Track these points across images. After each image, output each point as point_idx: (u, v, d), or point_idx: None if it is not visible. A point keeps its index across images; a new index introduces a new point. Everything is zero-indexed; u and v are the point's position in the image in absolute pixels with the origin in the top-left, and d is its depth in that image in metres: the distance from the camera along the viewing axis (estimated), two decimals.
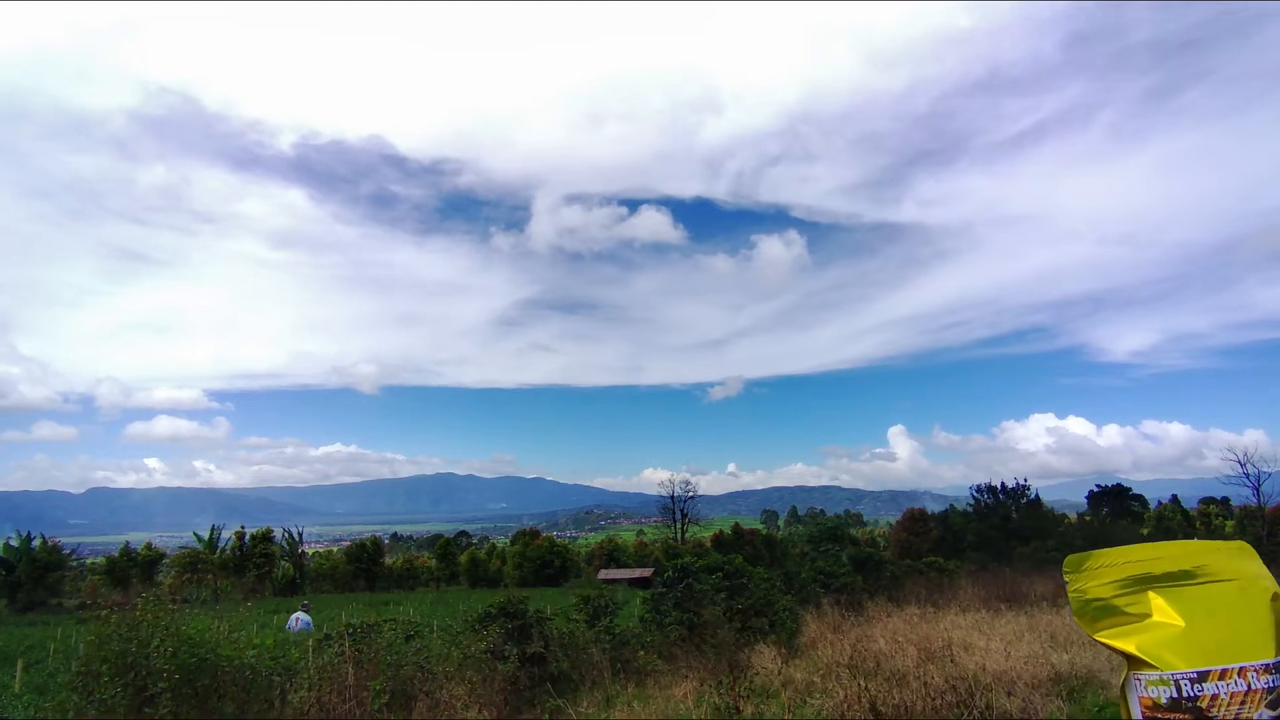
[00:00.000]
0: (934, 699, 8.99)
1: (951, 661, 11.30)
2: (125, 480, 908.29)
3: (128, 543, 73.16)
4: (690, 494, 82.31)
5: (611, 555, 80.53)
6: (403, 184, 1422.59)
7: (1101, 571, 2.27)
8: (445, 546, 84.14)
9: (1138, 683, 2.15)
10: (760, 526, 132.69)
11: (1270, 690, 2.09)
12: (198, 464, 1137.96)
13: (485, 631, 12.22)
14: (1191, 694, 2.07)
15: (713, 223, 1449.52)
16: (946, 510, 67.76)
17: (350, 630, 10.65)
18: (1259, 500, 52.38)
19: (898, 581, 27.49)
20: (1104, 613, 2.22)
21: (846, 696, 9.40)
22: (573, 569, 75.59)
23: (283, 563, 69.71)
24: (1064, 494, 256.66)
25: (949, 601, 22.40)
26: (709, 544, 75.42)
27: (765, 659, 13.54)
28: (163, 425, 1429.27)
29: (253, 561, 66.20)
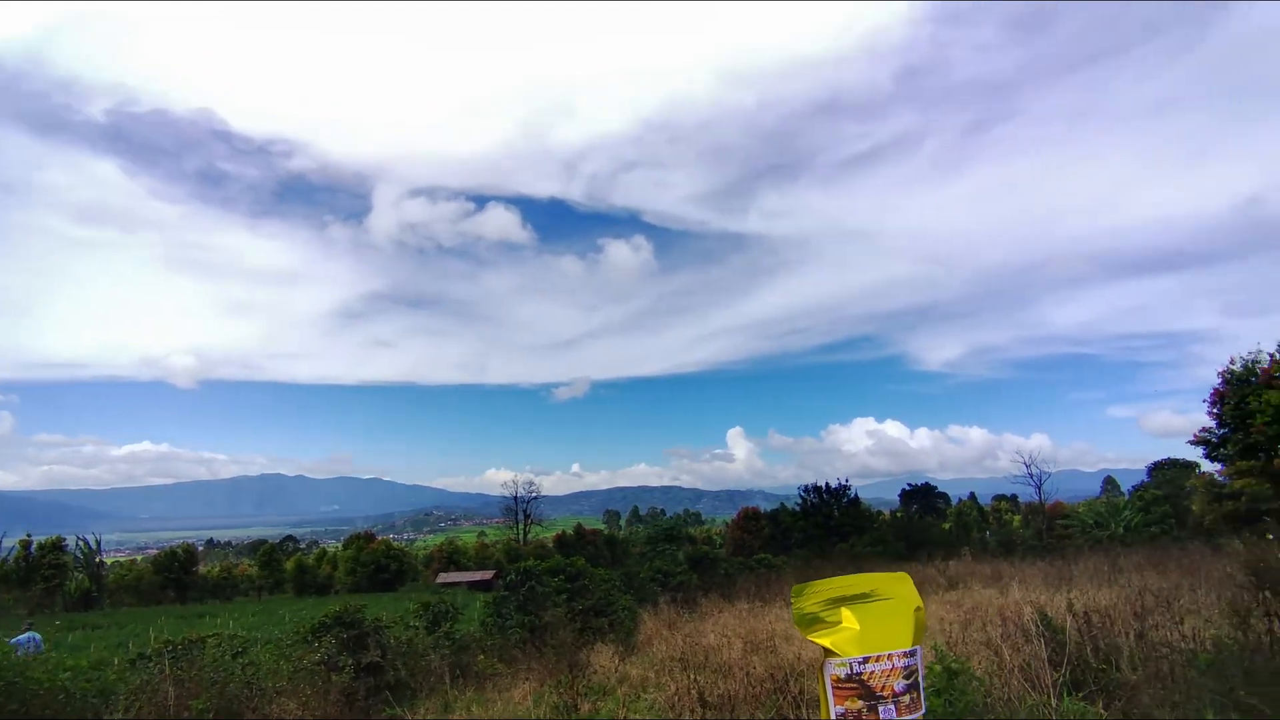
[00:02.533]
0: (755, 686, 9.83)
1: (772, 652, 12.31)
2: None
3: None
4: (533, 494, 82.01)
5: (451, 558, 78.66)
6: (234, 162, 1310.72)
7: (813, 595, 3.39)
8: (269, 552, 78.67)
9: (829, 664, 3.20)
10: (602, 526, 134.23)
11: (905, 668, 3.29)
12: None
13: (318, 643, 11.87)
14: (858, 671, 3.24)
15: (566, 224, 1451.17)
16: (777, 509, 71.72)
17: (170, 647, 10.01)
18: (1040, 498, 60.11)
19: (730, 579, 29.04)
20: (813, 621, 3.37)
21: (677, 689, 10.06)
22: (410, 573, 73.14)
23: (76, 574, 62.59)
24: (880, 492, 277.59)
25: (775, 596, 24.04)
26: (552, 545, 75.57)
27: (604, 657, 14.05)
28: None
29: (40, 573, 58.97)
